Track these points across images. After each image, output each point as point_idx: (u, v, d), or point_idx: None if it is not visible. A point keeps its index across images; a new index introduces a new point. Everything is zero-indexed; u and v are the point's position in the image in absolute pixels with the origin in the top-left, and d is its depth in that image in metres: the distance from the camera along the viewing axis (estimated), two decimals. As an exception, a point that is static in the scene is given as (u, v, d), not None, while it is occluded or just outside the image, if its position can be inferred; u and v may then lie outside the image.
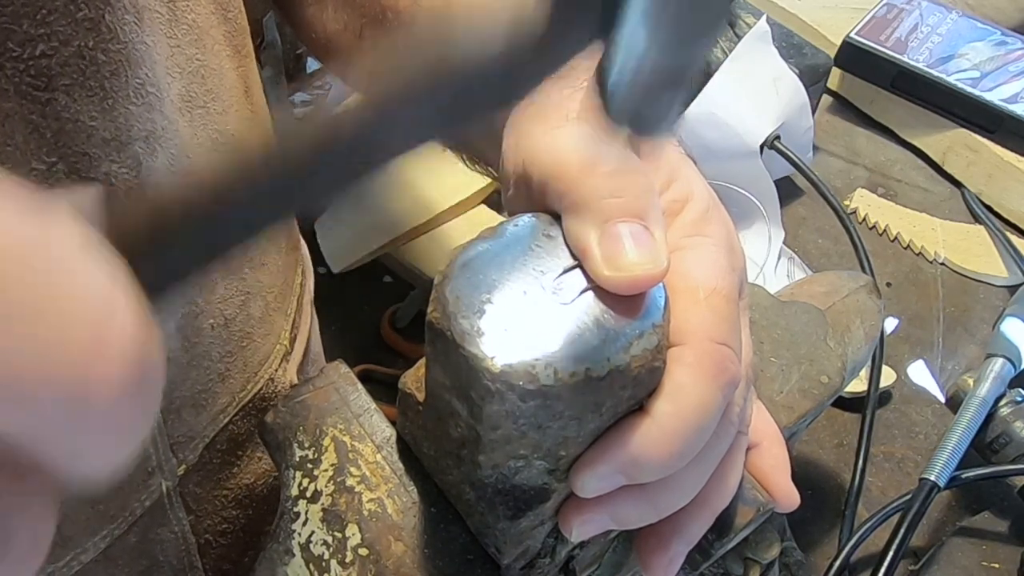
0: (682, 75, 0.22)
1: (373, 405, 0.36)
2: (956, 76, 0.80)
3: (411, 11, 0.43)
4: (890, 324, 0.71)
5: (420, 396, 0.32)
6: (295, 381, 0.44)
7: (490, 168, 0.46)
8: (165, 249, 0.18)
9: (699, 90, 0.70)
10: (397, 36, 0.19)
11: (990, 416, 0.58)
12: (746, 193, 0.71)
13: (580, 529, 0.30)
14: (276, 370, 0.43)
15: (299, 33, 0.53)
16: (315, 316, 0.51)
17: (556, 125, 0.33)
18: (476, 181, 0.70)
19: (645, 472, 0.28)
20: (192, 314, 0.36)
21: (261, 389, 0.42)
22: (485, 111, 0.19)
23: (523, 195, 0.32)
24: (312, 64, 0.85)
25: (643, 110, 0.22)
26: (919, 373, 0.68)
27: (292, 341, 0.45)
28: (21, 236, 0.14)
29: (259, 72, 0.43)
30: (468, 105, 0.19)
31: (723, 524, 0.35)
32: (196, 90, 0.34)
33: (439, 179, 0.71)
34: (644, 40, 0.20)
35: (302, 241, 0.51)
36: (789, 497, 0.36)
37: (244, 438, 0.42)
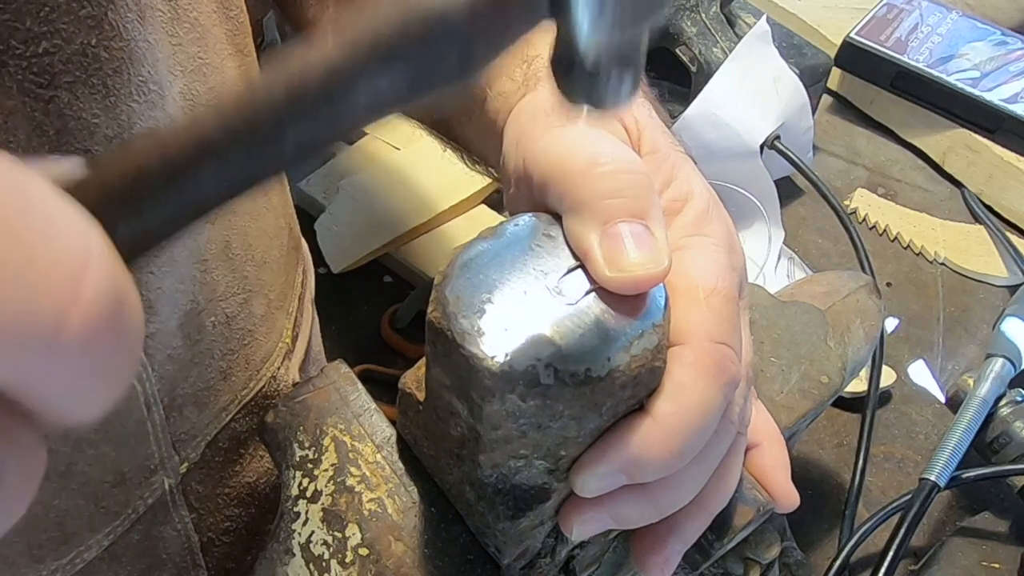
0: (633, 52, 0.23)
1: (373, 405, 0.36)
2: (956, 76, 0.80)
3: None
4: (890, 324, 0.71)
5: (420, 396, 0.32)
6: (297, 379, 0.43)
7: (491, 168, 0.46)
8: (143, 203, 0.18)
9: (699, 90, 0.70)
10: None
11: (990, 416, 0.58)
12: (746, 193, 0.71)
13: (580, 529, 0.30)
14: (279, 368, 0.43)
15: (300, 34, 0.53)
16: (316, 315, 0.51)
17: (556, 124, 0.33)
18: (476, 181, 0.70)
19: (646, 472, 0.28)
20: (194, 311, 0.36)
21: (263, 387, 0.42)
22: (451, 75, 0.20)
23: (524, 194, 0.32)
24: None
25: (598, 86, 0.23)
26: (919, 373, 0.68)
27: (294, 339, 0.45)
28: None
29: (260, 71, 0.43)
30: (433, 67, 0.19)
31: (723, 524, 0.35)
32: (198, 88, 0.34)
33: (439, 179, 0.71)
34: (591, 19, 0.21)
35: (303, 240, 0.51)
36: (789, 497, 0.36)
37: (246, 436, 0.42)
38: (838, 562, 0.54)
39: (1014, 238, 0.76)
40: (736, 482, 0.33)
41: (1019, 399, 0.59)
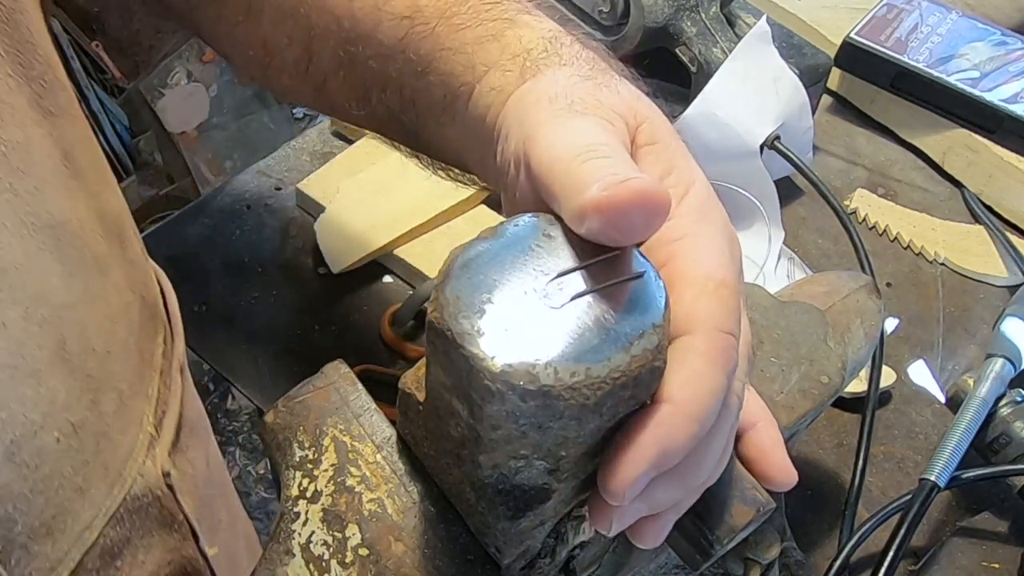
0: None
1: (373, 405, 0.36)
2: (956, 76, 0.80)
3: (374, 17, 0.41)
4: (890, 324, 0.71)
5: (420, 396, 0.32)
6: (168, 468, 0.37)
7: (469, 172, 0.45)
8: None
9: (699, 90, 0.70)
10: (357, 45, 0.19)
11: (990, 416, 0.58)
12: (746, 193, 0.71)
13: (619, 524, 0.30)
14: (144, 463, 0.37)
15: (230, 53, 0.50)
16: (187, 381, 0.43)
17: (557, 117, 0.33)
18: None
19: (674, 458, 0.29)
20: (27, 434, 0.30)
21: (130, 488, 0.36)
22: None
23: (525, 182, 0.33)
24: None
25: None
26: (919, 373, 0.68)
27: (159, 424, 0.39)
28: None
29: (91, 124, 0.37)
30: None
31: (723, 524, 0.35)
32: None
33: (439, 179, 0.71)
34: None
35: (163, 298, 0.43)
36: (786, 472, 0.36)
37: (122, 545, 0.36)
38: (838, 562, 0.54)
39: (1014, 238, 0.76)
40: (729, 453, 0.34)
41: (1019, 399, 0.59)
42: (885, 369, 0.64)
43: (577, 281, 0.28)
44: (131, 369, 0.36)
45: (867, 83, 0.85)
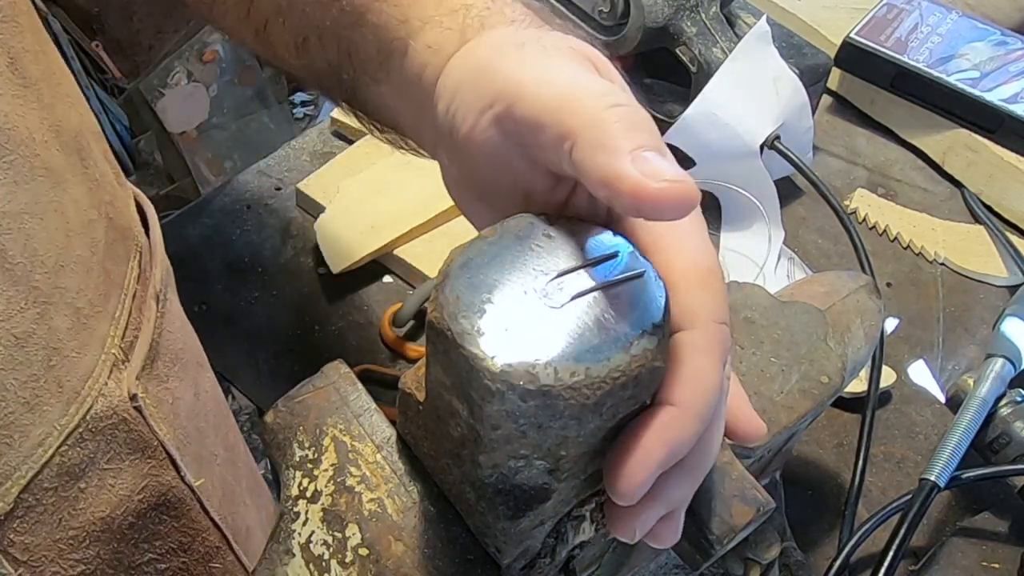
0: None
1: (373, 405, 0.36)
2: (956, 76, 0.80)
3: None
4: (890, 324, 0.71)
5: (420, 396, 0.32)
6: (135, 391, 0.37)
7: (403, 134, 0.44)
8: None
9: (699, 90, 0.70)
10: None
11: (990, 416, 0.58)
12: (746, 193, 0.71)
13: (642, 529, 0.30)
14: (106, 384, 0.36)
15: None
16: (167, 308, 0.42)
17: (540, 60, 0.32)
18: (476, 181, 0.70)
19: (680, 456, 0.29)
20: None
21: (91, 409, 0.35)
22: None
23: (495, 134, 0.32)
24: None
25: None
26: (919, 373, 0.68)
27: (127, 348, 0.38)
28: None
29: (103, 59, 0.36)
30: None
31: (723, 524, 0.35)
32: None
33: (439, 179, 0.71)
34: None
35: (143, 224, 0.42)
36: (752, 423, 0.35)
37: (85, 466, 0.35)
38: (838, 562, 0.54)
39: (1014, 238, 0.76)
40: (722, 431, 0.34)
41: (1019, 399, 0.59)
42: (885, 369, 0.64)
43: (577, 281, 0.28)
44: (92, 288, 0.36)
45: (867, 83, 0.85)
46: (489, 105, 0.32)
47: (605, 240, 0.29)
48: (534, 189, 0.34)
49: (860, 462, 0.60)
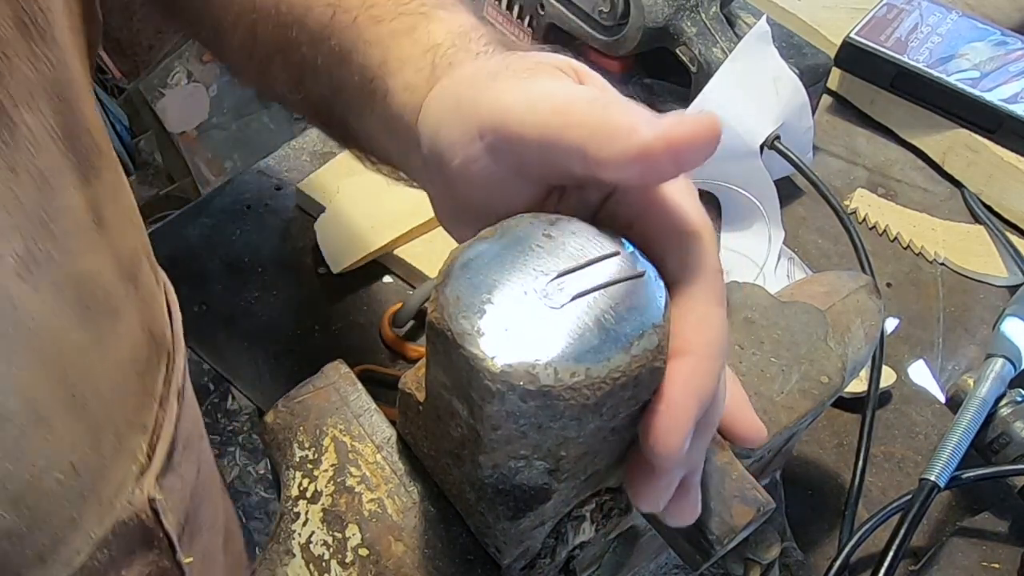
0: None
1: (373, 405, 0.36)
2: (956, 76, 0.80)
3: (305, 2, 0.42)
4: (890, 324, 0.71)
5: (420, 396, 0.32)
6: (154, 495, 0.37)
7: (395, 167, 0.45)
8: None
9: (699, 90, 0.70)
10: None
11: (990, 416, 0.58)
12: (746, 193, 0.71)
13: (666, 494, 0.30)
14: (132, 492, 0.36)
15: (191, 33, 0.51)
16: (185, 396, 0.41)
17: (517, 85, 0.33)
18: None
19: (706, 405, 0.29)
20: (33, 478, 0.30)
21: (118, 515, 0.36)
22: None
23: (489, 162, 0.32)
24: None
25: None
26: (919, 373, 0.68)
27: (151, 451, 0.38)
28: None
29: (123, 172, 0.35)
30: None
31: (723, 524, 0.35)
32: (37, 245, 0.29)
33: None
34: None
35: (169, 317, 0.41)
36: (753, 427, 0.35)
37: (106, 566, 0.36)
38: (838, 562, 0.54)
39: (1014, 238, 0.76)
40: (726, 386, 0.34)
41: (1019, 399, 0.59)
42: (885, 369, 0.64)
43: (577, 281, 0.28)
44: (131, 407, 0.36)
45: (867, 83, 0.85)
46: (478, 136, 0.32)
47: (605, 240, 0.29)
48: (528, 204, 0.34)
49: (860, 462, 0.60)
